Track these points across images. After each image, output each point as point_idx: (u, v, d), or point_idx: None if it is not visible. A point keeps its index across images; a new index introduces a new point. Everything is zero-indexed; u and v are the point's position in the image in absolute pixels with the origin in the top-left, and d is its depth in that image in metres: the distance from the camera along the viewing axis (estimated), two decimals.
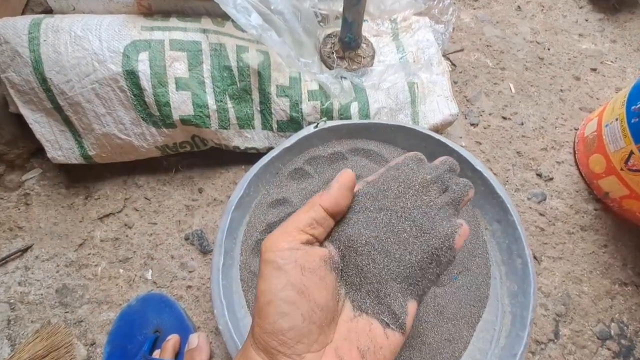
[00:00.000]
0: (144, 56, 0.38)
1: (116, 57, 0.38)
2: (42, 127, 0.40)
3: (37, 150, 0.46)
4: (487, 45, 0.58)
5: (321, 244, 0.21)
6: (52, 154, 0.42)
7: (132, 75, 0.38)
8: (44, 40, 0.37)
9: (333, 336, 0.20)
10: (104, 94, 0.39)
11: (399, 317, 0.20)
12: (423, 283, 0.21)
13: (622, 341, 0.40)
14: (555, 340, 0.40)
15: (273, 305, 0.18)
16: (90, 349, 0.39)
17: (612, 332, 0.41)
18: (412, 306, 0.21)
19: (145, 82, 0.38)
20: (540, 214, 0.46)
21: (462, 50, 0.57)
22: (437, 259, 0.21)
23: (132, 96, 0.39)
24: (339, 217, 0.22)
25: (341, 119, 0.43)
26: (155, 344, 0.37)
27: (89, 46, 0.38)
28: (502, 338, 0.32)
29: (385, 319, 0.20)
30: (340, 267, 0.21)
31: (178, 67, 0.39)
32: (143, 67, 0.38)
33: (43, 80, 0.38)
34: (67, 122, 0.40)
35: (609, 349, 0.40)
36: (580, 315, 0.41)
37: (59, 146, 0.42)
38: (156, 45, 0.39)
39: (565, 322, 0.41)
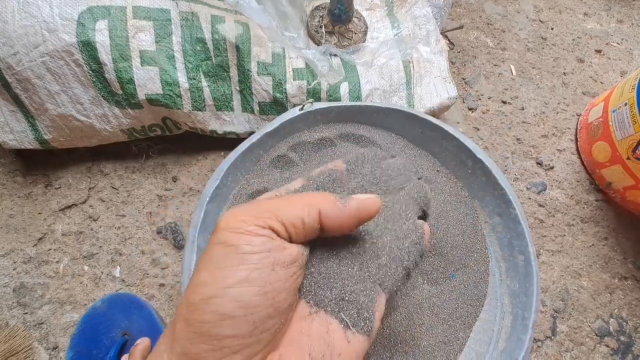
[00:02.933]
0: (102, 25, 0.33)
1: (69, 25, 0.33)
2: None
3: None
4: (488, 24, 0.54)
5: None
6: (3, 137, 0.37)
7: (88, 47, 0.33)
8: None
9: (280, 341, 0.16)
10: (57, 69, 0.34)
11: (364, 316, 0.17)
12: (394, 279, 0.19)
13: (621, 337, 0.39)
14: (553, 337, 0.38)
15: (216, 303, 0.14)
16: (52, 353, 0.36)
17: (611, 329, 0.39)
18: (380, 303, 0.18)
19: (105, 56, 0.33)
20: (540, 205, 0.44)
21: (461, 27, 0.53)
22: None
23: (90, 71, 0.34)
24: (328, 235, 0.17)
25: (330, 100, 0.39)
26: (124, 348, 0.34)
27: (38, 13, 0.33)
28: (501, 341, 0.30)
29: (347, 319, 0.16)
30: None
31: (143, 39, 0.34)
32: (101, 37, 0.33)
33: None
34: (17, 101, 0.35)
35: (607, 346, 0.38)
36: (578, 311, 0.39)
37: (10, 129, 0.37)
38: (117, 13, 0.34)
39: (563, 318, 0.39)
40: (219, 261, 0.14)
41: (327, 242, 0.18)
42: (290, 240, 0.16)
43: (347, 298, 0.17)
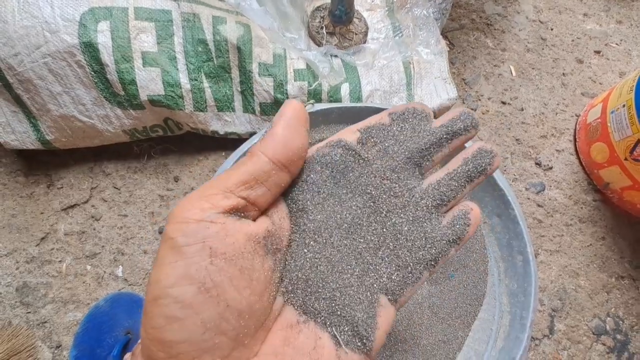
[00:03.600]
0: (104, 26, 0.33)
1: (71, 26, 0.33)
2: None
3: None
4: (488, 24, 0.54)
5: (264, 212, 0.15)
6: (4, 138, 0.37)
7: (90, 48, 0.33)
8: None
9: (260, 348, 0.14)
10: (59, 70, 0.34)
11: (361, 334, 0.14)
12: (410, 287, 0.16)
13: (618, 336, 0.39)
14: (550, 336, 0.39)
15: (160, 305, 0.12)
16: (55, 352, 0.36)
17: (608, 327, 0.39)
18: (386, 317, 0.15)
19: (107, 57, 0.34)
20: (539, 205, 0.44)
21: (461, 28, 0.53)
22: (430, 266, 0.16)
23: (92, 72, 0.34)
24: (295, 167, 0.15)
25: (330, 101, 0.39)
26: (127, 347, 0.34)
27: (39, 13, 0.33)
28: (499, 339, 0.30)
29: (339, 336, 0.14)
30: (284, 249, 0.15)
31: (145, 40, 0.35)
32: (103, 38, 0.33)
33: None
34: (18, 102, 0.36)
35: (603, 344, 0.39)
36: (576, 310, 0.40)
37: (12, 129, 0.37)
38: (119, 14, 0.34)
39: (560, 317, 0.39)
40: (161, 257, 0.13)
41: (319, 228, 0.15)
42: (256, 206, 0.14)
43: (339, 313, 0.14)
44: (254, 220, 0.14)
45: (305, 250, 0.15)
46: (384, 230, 0.15)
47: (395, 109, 0.17)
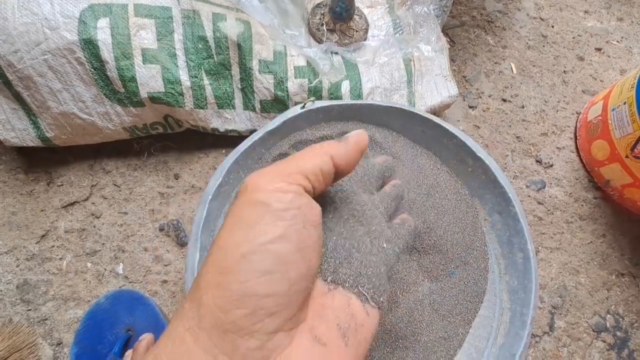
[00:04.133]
0: (104, 23, 0.33)
1: (71, 23, 0.33)
2: None
3: None
4: (489, 21, 0.54)
5: None
6: (4, 135, 0.37)
7: (90, 45, 0.33)
8: None
9: (306, 314, 0.16)
10: (59, 67, 0.34)
11: (380, 291, 0.18)
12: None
13: (618, 333, 0.39)
14: (550, 333, 0.39)
15: (252, 260, 0.13)
16: (56, 349, 0.36)
17: (608, 324, 0.39)
18: (384, 287, 0.19)
19: (107, 54, 0.33)
20: (539, 203, 0.44)
21: (462, 25, 0.53)
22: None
23: (92, 69, 0.34)
24: (341, 177, 0.18)
25: (331, 99, 0.39)
26: (128, 344, 0.34)
27: (39, 10, 0.33)
28: (500, 336, 0.30)
29: (366, 293, 0.17)
30: None
31: (145, 37, 0.34)
32: (103, 35, 0.33)
33: None
34: (18, 99, 0.35)
35: (603, 341, 0.39)
36: (576, 308, 0.40)
37: (12, 127, 0.37)
38: (118, 10, 0.34)
39: (561, 314, 0.39)
40: (253, 220, 0.14)
41: (335, 218, 0.19)
42: (314, 192, 0.16)
43: (363, 278, 0.18)
44: None
45: (331, 233, 0.19)
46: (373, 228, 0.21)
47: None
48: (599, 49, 0.54)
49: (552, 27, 0.55)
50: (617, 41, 0.55)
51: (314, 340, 0.15)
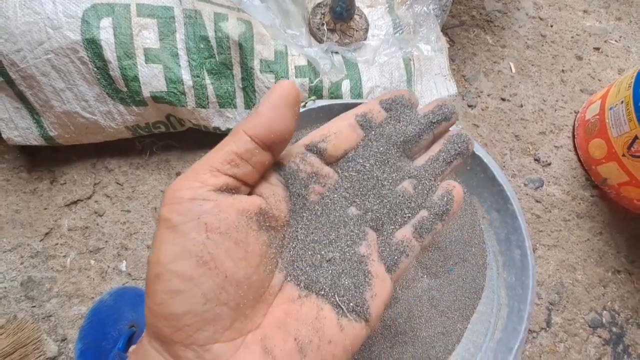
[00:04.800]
0: (106, 22, 0.34)
1: (74, 23, 0.33)
2: None
3: None
4: (488, 21, 0.54)
5: (252, 189, 0.15)
6: (8, 134, 0.37)
7: (93, 45, 0.33)
8: None
9: (262, 320, 0.14)
10: (62, 66, 0.34)
11: (360, 301, 0.15)
12: (406, 259, 0.17)
13: (613, 329, 0.40)
14: (547, 329, 0.39)
15: (162, 281, 0.13)
16: (61, 344, 0.36)
17: (604, 320, 0.40)
18: (384, 287, 0.16)
19: (109, 53, 0.34)
20: (537, 201, 0.45)
21: (461, 25, 0.53)
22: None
23: (95, 69, 0.34)
24: (278, 149, 0.15)
25: (331, 98, 0.39)
26: (131, 339, 0.35)
27: (41, 9, 0.33)
28: (497, 331, 0.31)
29: (341, 304, 0.15)
30: (285, 223, 0.15)
31: (147, 37, 0.35)
32: (106, 35, 0.33)
33: None
34: (21, 98, 0.36)
35: (599, 337, 0.39)
36: (573, 304, 0.40)
37: (15, 125, 0.37)
38: (121, 10, 0.34)
39: (558, 310, 0.40)
40: (158, 238, 0.13)
41: (315, 208, 0.16)
42: (244, 183, 0.15)
43: (340, 284, 0.15)
44: (249, 195, 0.15)
45: (303, 230, 0.16)
46: (379, 205, 0.17)
47: (385, 96, 0.18)
48: (597, 49, 0.54)
49: (551, 26, 0.55)
50: (616, 41, 0.55)
51: (263, 352, 0.14)
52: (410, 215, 0.17)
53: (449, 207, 0.18)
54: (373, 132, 0.18)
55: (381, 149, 0.17)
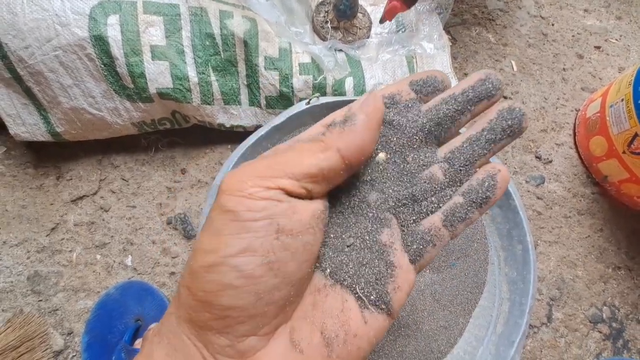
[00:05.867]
0: (113, 19, 0.34)
1: (81, 20, 0.33)
2: (1, 99, 0.36)
3: (0, 127, 0.42)
4: (490, 19, 0.55)
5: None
6: (15, 130, 0.37)
7: (100, 42, 0.34)
8: None
9: (292, 313, 0.14)
10: (70, 63, 0.34)
11: (384, 293, 0.14)
12: (432, 251, 0.16)
13: (613, 324, 0.40)
14: (548, 324, 0.40)
15: (217, 272, 0.13)
16: (67, 338, 0.37)
17: (604, 316, 0.41)
18: (407, 279, 0.15)
19: (117, 50, 0.34)
20: (538, 198, 0.45)
21: (463, 23, 0.54)
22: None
23: (102, 65, 0.35)
24: (356, 169, 0.15)
25: (335, 95, 0.40)
26: (137, 333, 0.35)
27: (49, 6, 0.33)
28: (499, 325, 0.31)
29: (364, 297, 0.14)
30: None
31: (153, 34, 0.35)
32: (113, 32, 0.34)
33: None
34: (29, 94, 0.36)
35: (600, 332, 0.40)
36: (573, 300, 0.41)
37: (22, 121, 0.37)
38: (127, 8, 0.35)
39: (558, 306, 0.41)
40: (219, 228, 0.13)
41: (342, 196, 0.16)
42: (310, 196, 0.14)
43: (364, 276, 0.15)
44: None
45: (336, 221, 0.16)
46: (401, 191, 0.16)
47: (416, 77, 0.17)
48: (598, 47, 0.54)
49: (552, 25, 0.56)
50: (616, 39, 0.55)
51: (291, 345, 0.14)
52: (437, 202, 0.16)
53: (489, 194, 0.16)
54: (395, 122, 0.16)
55: (407, 132, 0.16)
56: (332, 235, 0.15)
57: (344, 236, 0.15)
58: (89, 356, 0.34)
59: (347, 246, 0.15)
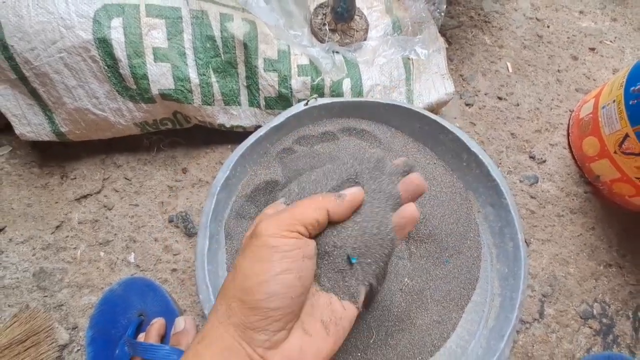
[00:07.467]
0: (117, 22, 0.35)
1: (86, 22, 0.34)
2: (7, 100, 0.37)
3: (6, 126, 0.43)
4: (486, 21, 0.56)
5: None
6: (20, 129, 0.38)
7: (104, 44, 0.35)
8: (3, 2, 0.33)
9: (300, 313, 0.22)
10: (74, 64, 0.35)
11: (353, 294, 0.23)
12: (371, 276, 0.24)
13: (604, 320, 0.41)
14: (540, 320, 0.41)
15: (267, 285, 0.20)
16: (72, 332, 0.38)
17: (595, 312, 0.42)
18: (363, 289, 0.24)
19: (120, 52, 0.35)
20: (532, 197, 0.46)
21: (459, 26, 0.54)
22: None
23: (106, 67, 0.36)
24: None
25: (333, 96, 0.41)
26: (140, 327, 0.36)
27: (55, 9, 0.34)
28: (490, 319, 0.32)
29: (343, 296, 0.23)
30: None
31: (156, 36, 0.36)
32: (116, 34, 0.35)
33: (4, 48, 0.34)
34: (34, 94, 0.37)
35: (590, 327, 0.41)
36: (565, 296, 0.42)
37: (27, 121, 0.38)
38: (130, 10, 0.35)
39: (550, 302, 0.42)
40: (266, 258, 0.20)
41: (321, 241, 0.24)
42: (310, 236, 0.22)
43: (341, 285, 0.23)
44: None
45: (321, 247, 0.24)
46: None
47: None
48: (592, 49, 0.55)
49: (548, 27, 0.56)
50: (611, 41, 0.56)
51: (303, 332, 0.21)
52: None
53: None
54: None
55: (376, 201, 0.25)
56: (325, 264, 0.24)
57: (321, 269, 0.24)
58: (93, 350, 0.35)
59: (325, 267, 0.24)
